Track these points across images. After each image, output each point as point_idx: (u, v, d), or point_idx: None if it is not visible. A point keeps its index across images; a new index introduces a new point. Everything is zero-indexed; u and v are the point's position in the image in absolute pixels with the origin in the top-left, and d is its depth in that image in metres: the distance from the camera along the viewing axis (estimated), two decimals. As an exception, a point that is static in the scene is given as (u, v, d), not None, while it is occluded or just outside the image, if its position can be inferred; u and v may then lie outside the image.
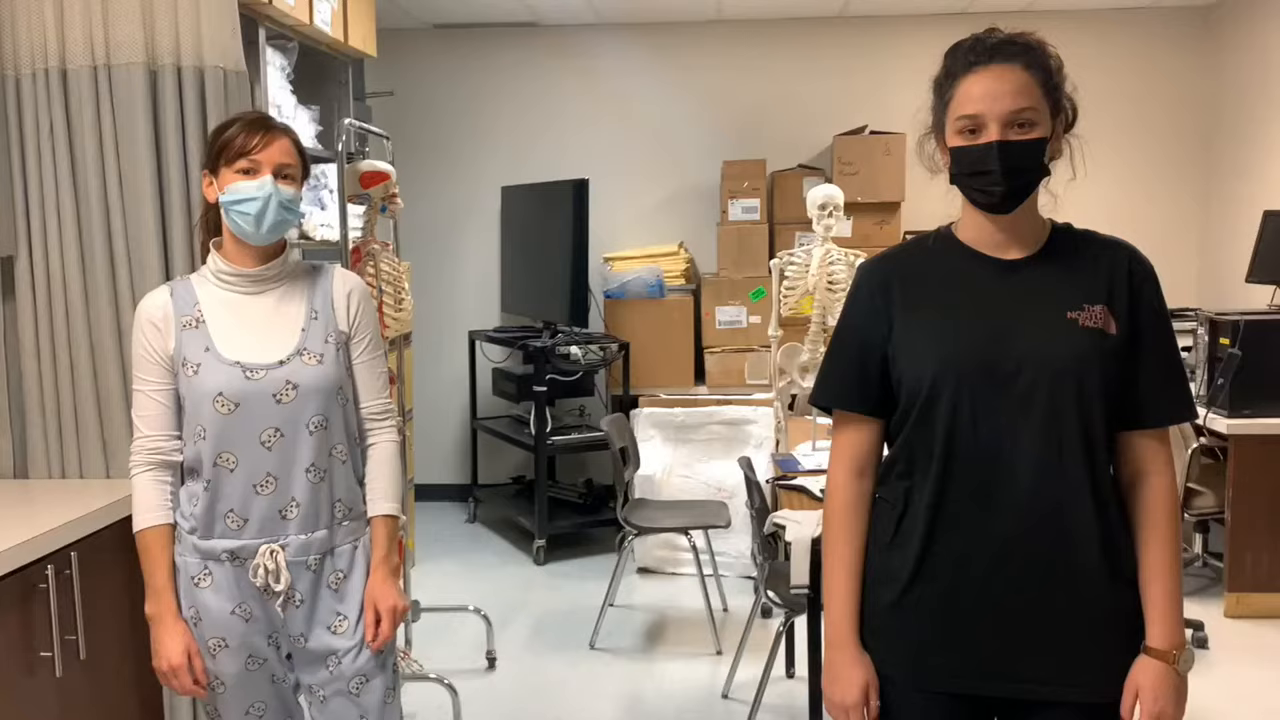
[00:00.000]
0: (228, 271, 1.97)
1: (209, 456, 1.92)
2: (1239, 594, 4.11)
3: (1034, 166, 1.49)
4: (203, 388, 1.91)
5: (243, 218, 1.90)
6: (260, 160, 1.90)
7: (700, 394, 5.23)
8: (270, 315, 1.97)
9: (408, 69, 5.93)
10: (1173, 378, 1.55)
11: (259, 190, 1.89)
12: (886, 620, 1.59)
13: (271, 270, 1.99)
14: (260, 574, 1.93)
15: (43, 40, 2.52)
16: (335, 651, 2.00)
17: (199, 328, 1.94)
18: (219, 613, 1.95)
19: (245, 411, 1.91)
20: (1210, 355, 4.19)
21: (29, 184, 2.55)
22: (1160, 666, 1.50)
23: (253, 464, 1.92)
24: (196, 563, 1.95)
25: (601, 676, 3.76)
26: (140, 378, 1.96)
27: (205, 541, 1.94)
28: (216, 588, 1.95)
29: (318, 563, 1.98)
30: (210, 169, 1.96)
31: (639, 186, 5.94)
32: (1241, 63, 5.36)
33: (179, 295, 1.97)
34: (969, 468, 1.52)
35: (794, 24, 5.82)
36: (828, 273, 3.63)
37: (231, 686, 1.98)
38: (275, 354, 1.94)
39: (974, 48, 1.50)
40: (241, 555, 1.94)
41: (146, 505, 1.95)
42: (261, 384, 1.92)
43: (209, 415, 1.91)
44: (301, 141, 2.00)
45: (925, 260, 1.60)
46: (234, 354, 1.93)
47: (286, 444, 1.93)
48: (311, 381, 1.94)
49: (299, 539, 1.96)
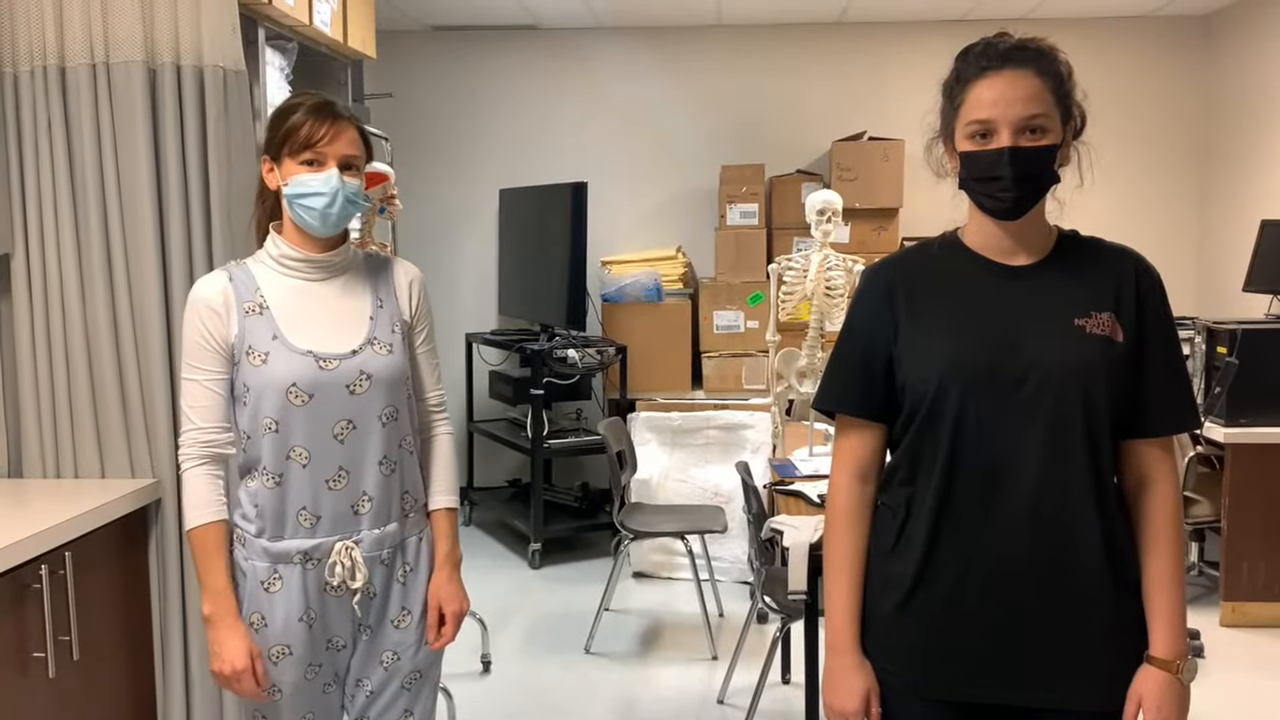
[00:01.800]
0: (293, 256, 1.88)
1: (278, 451, 1.83)
2: (1235, 603, 4.11)
3: (1045, 173, 1.49)
4: (274, 378, 1.81)
5: (308, 212, 1.82)
6: (326, 153, 1.81)
7: (697, 398, 5.23)
8: (337, 303, 1.89)
9: (407, 71, 5.93)
10: (1178, 386, 1.54)
11: (325, 185, 1.81)
12: (888, 627, 1.58)
13: (337, 256, 1.91)
14: (338, 572, 1.86)
15: (41, 37, 2.50)
16: (395, 646, 1.95)
17: (263, 314, 1.84)
18: (286, 620, 1.86)
19: (318, 403, 1.82)
20: (1207, 364, 4.19)
21: (26, 182, 2.54)
22: (1164, 676, 1.50)
23: (324, 458, 1.84)
24: (266, 566, 1.86)
25: (597, 681, 3.74)
26: (194, 366, 1.84)
27: (277, 543, 1.85)
28: (287, 592, 1.86)
29: (390, 556, 1.93)
30: (272, 156, 1.87)
31: (637, 190, 5.94)
32: (1239, 72, 5.37)
33: (239, 280, 1.87)
34: (973, 474, 1.51)
35: (793, 29, 5.82)
36: (826, 278, 3.63)
37: (288, 694, 1.90)
38: (347, 343, 1.86)
39: (985, 52, 1.50)
40: (315, 555, 1.86)
41: (202, 501, 1.84)
42: (336, 374, 1.83)
43: (279, 407, 1.81)
44: (364, 126, 1.92)
45: (931, 265, 1.60)
46: (304, 343, 1.83)
47: (358, 436, 1.86)
48: (383, 372, 1.88)
49: (372, 534, 1.89)
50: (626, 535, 4.05)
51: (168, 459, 2.56)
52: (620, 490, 4.07)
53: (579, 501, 5.45)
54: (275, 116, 1.87)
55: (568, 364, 4.96)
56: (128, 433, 2.57)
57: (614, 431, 4.17)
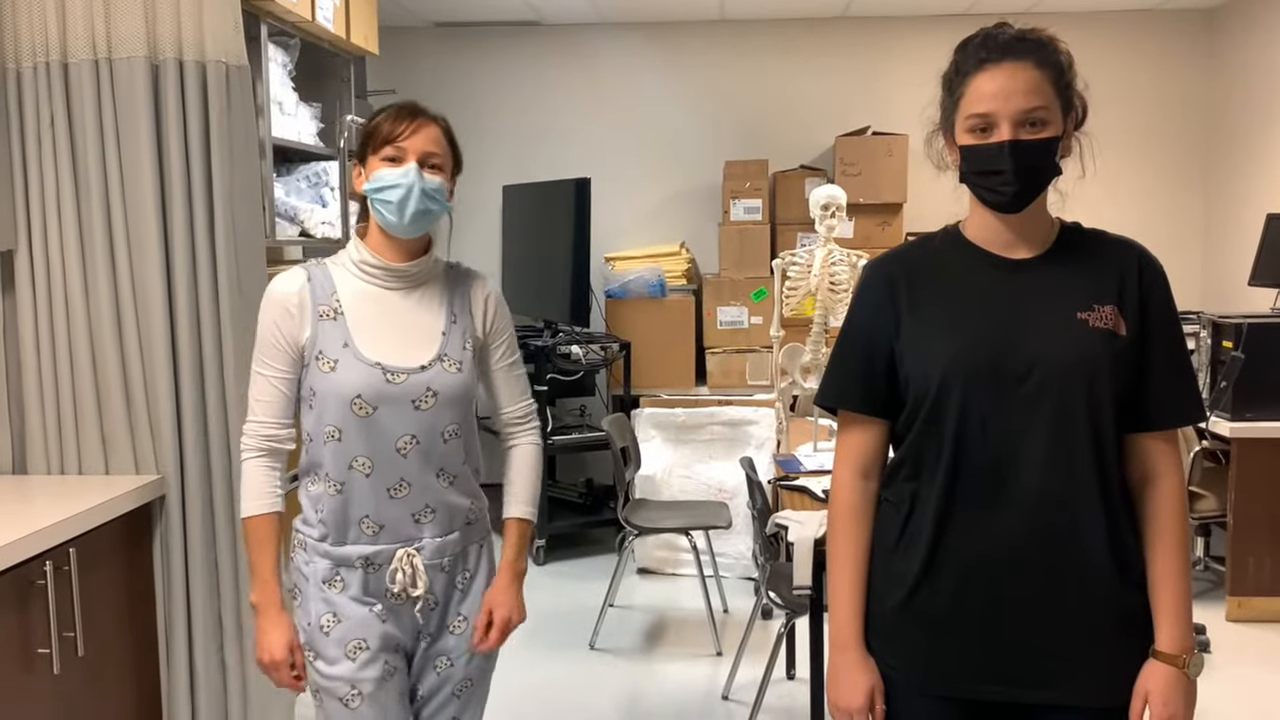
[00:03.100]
0: (373, 264, 1.86)
1: (341, 460, 1.82)
2: (1241, 598, 4.10)
3: (1045, 166, 1.48)
4: (340, 387, 1.80)
5: (385, 206, 1.80)
6: (405, 147, 1.81)
7: (701, 394, 5.22)
8: (412, 315, 1.87)
9: (410, 67, 5.92)
10: (1182, 379, 1.53)
11: (402, 178, 1.79)
12: (892, 623, 1.57)
13: (416, 267, 1.88)
14: (398, 579, 1.85)
15: (44, 33, 2.50)
16: (449, 653, 1.94)
17: (337, 319, 1.83)
18: (357, 612, 1.85)
19: (382, 416, 1.80)
20: (1213, 358, 4.18)
21: (29, 178, 2.54)
22: (1170, 671, 1.49)
23: (387, 470, 1.82)
24: (328, 567, 1.86)
25: (601, 677, 3.74)
26: (264, 361, 1.84)
27: (338, 548, 1.85)
28: (350, 591, 1.85)
29: (450, 564, 1.91)
30: (360, 159, 1.87)
31: (641, 186, 5.93)
32: (1244, 65, 5.35)
33: (317, 281, 1.85)
34: (977, 469, 1.50)
35: (796, 24, 5.80)
36: (830, 273, 3.62)
37: (369, 695, 1.84)
38: (417, 358, 1.84)
39: (985, 44, 1.48)
40: (376, 561, 1.85)
41: (258, 491, 1.85)
42: (403, 388, 1.81)
43: (344, 417, 1.80)
44: (454, 133, 1.91)
45: (933, 259, 1.59)
46: (374, 354, 1.82)
47: (422, 451, 1.83)
48: (451, 389, 1.85)
49: (433, 542, 1.88)
50: (631, 531, 4.05)
51: (172, 455, 2.56)
52: (624, 486, 4.07)
53: (583, 498, 5.45)
54: (366, 122, 1.88)
55: (571, 360, 4.96)
56: (131, 428, 2.57)
57: (618, 427, 4.16)
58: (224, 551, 2.61)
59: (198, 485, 2.59)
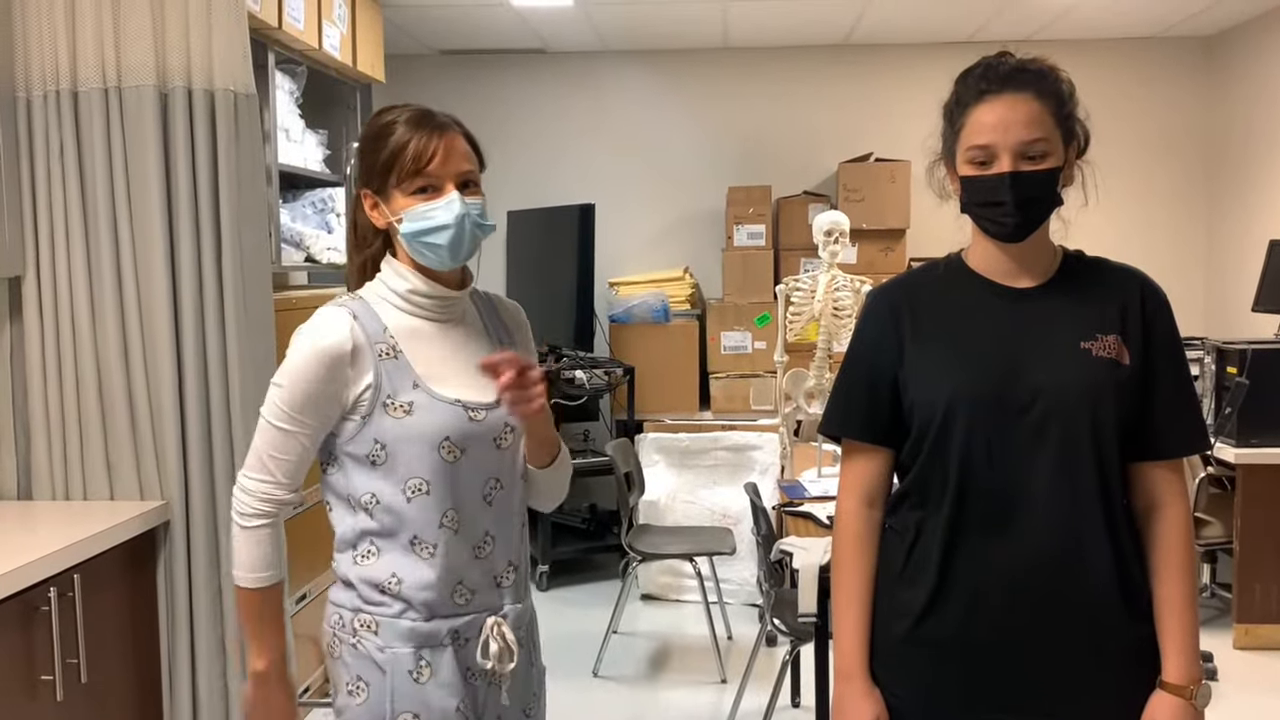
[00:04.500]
0: (424, 293, 1.60)
1: (433, 517, 1.56)
2: (1248, 625, 4.07)
3: (1046, 197, 1.48)
4: (424, 431, 1.54)
5: (433, 250, 1.54)
6: (441, 175, 1.54)
7: (705, 419, 5.22)
8: (466, 347, 1.64)
9: (415, 94, 5.96)
10: (1186, 407, 1.53)
11: (448, 214, 1.53)
12: (898, 653, 1.57)
13: (465, 293, 1.65)
14: (492, 652, 1.60)
15: (54, 61, 2.53)
16: None
17: (398, 359, 1.57)
18: (444, 713, 1.57)
19: (470, 459, 1.57)
20: (1218, 384, 4.17)
21: (38, 205, 2.56)
22: (1177, 702, 1.48)
23: (473, 523, 1.59)
24: (410, 654, 1.56)
25: (605, 704, 3.72)
26: (293, 416, 1.55)
27: (428, 624, 1.57)
28: (439, 680, 1.57)
29: (526, 636, 1.69)
30: (374, 189, 1.58)
31: (644, 211, 5.95)
32: (1244, 92, 5.38)
33: (364, 319, 1.57)
34: (983, 500, 1.50)
35: (800, 51, 5.84)
36: (833, 299, 3.63)
37: None
38: (488, 391, 1.58)
39: (985, 75, 1.49)
40: (466, 634, 1.60)
41: (267, 562, 1.59)
42: (485, 425, 1.58)
43: (429, 464, 1.55)
44: (471, 132, 1.66)
45: (935, 287, 1.59)
46: (450, 390, 1.58)
47: (505, 497, 1.63)
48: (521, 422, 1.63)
49: (515, 608, 1.65)
50: (634, 557, 4.04)
51: (176, 481, 2.57)
52: (628, 512, 4.06)
53: (586, 523, 5.43)
54: (370, 139, 1.59)
55: (575, 385, 4.96)
56: (137, 455, 2.58)
57: (622, 453, 4.16)
58: (228, 578, 2.60)
59: (202, 511, 2.59)
